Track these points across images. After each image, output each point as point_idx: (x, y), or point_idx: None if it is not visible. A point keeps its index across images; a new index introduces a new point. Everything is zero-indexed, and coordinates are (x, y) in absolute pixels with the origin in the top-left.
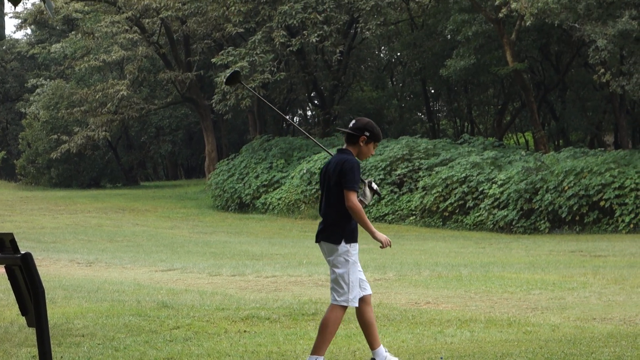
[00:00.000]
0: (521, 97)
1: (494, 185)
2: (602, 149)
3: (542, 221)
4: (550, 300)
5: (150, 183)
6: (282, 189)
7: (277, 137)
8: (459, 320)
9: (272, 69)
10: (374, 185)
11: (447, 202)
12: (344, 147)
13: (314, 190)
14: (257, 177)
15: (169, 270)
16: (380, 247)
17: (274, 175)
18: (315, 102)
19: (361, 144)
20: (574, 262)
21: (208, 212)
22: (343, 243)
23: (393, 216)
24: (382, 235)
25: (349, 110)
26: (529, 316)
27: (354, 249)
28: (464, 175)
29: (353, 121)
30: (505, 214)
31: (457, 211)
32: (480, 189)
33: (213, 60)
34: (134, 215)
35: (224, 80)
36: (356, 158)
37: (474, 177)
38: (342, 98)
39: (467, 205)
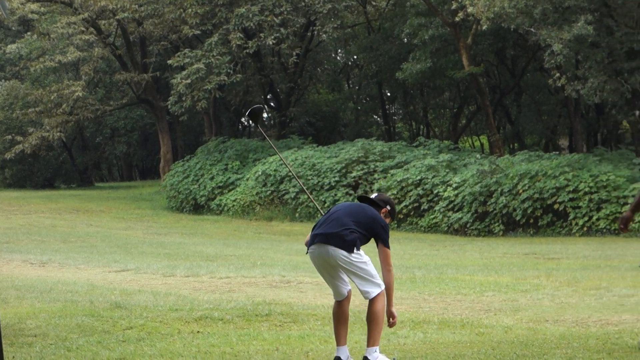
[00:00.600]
0: (477, 100)
1: (448, 188)
2: (557, 152)
3: (497, 224)
4: (504, 302)
5: (105, 184)
6: (237, 191)
7: (232, 139)
8: (412, 322)
9: (229, 71)
10: None
11: (402, 205)
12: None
13: (269, 192)
14: (212, 178)
15: (122, 270)
16: (389, 323)
17: (229, 177)
18: (272, 104)
19: (382, 215)
20: (527, 264)
21: (163, 213)
22: (355, 250)
23: None
24: (395, 313)
25: (305, 113)
26: (482, 318)
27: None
28: (419, 177)
29: (375, 194)
30: (460, 216)
31: (412, 213)
32: (435, 192)
33: (169, 61)
34: (88, 216)
35: (247, 113)
36: None
37: (429, 180)
38: (299, 100)
39: (421, 208)
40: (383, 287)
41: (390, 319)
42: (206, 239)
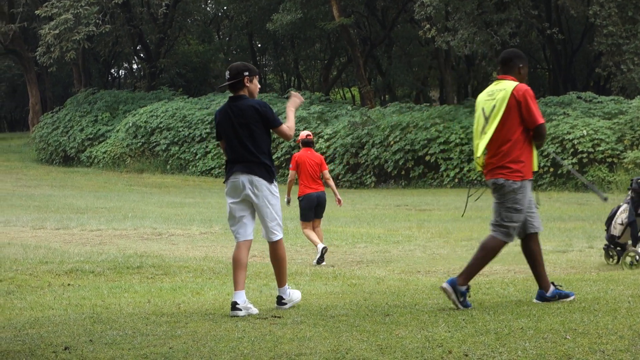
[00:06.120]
0: (347, 52)
1: (320, 139)
2: (428, 104)
3: (368, 175)
4: (376, 253)
5: None
6: (107, 143)
7: (102, 90)
8: None
9: (97, 21)
10: None
11: (274, 157)
12: (235, 94)
13: (140, 143)
14: (82, 130)
15: None
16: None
17: (100, 129)
18: (141, 55)
19: (247, 84)
20: (399, 216)
21: (32, 165)
22: (274, 182)
23: (220, 170)
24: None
25: (175, 64)
26: (354, 269)
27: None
28: None
29: (227, 72)
30: (332, 168)
31: (283, 165)
32: None
33: (37, 12)
34: None
35: None
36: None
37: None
38: (169, 51)
39: None
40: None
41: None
42: (76, 192)
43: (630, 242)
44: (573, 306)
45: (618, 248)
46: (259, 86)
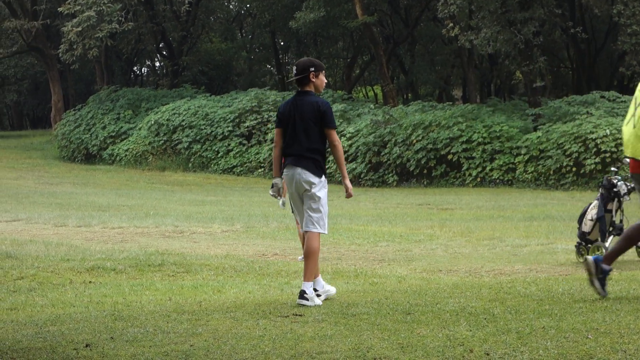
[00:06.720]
0: (370, 50)
1: (342, 138)
2: (451, 103)
3: (391, 174)
4: (397, 252)
5: None
6: (129, 140)
7: (124, 87)
8: None
9: (120, 18)
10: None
11: None
12: (301, 89)
13: (162, 141)
14: (104, 127)
15: (13, 220)
16: (347, 195)
17: (122, 126)
18: (164, 53)
19: (313, 80)
20: (421, 214)
21: (54, 162)
22: (323, 177)
23: (241, 168)
24: (350, 184)
25: (198, 62)
26: (376, 268)
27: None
28: None
29: (294, 67)
30: (354, 166)
31: None
32: None
33: (60, 9)
34: None
35: None
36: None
37: None
38: (191, 49)
39: None
40: (326, 230)
41: (349, 192)
42: (98, 189)
43: (599, 238)
44: (595, 305)
45: (589, 245)
46: (325, 81)
